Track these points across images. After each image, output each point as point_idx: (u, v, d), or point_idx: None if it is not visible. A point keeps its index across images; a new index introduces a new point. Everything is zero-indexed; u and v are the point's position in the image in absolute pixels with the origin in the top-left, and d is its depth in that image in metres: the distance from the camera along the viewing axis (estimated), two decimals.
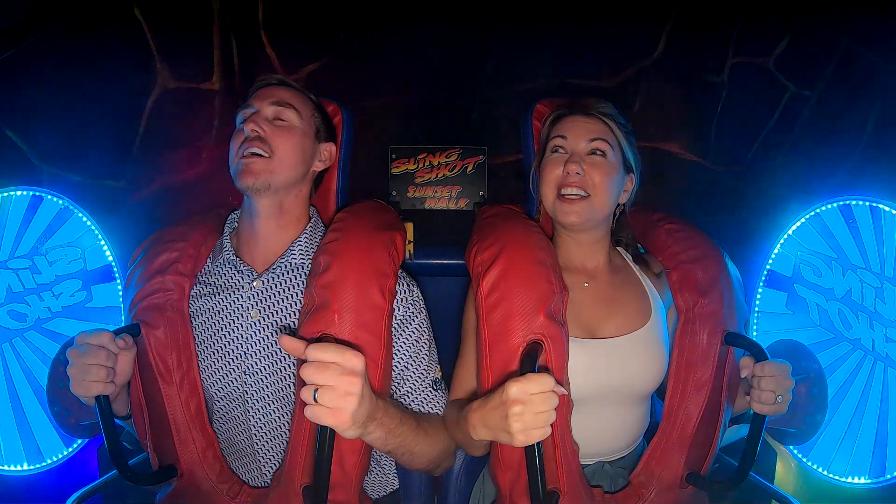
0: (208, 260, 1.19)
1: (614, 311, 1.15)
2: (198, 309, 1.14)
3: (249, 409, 1.11)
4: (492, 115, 1.80)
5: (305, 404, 0.81)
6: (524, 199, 1.32)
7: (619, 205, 1.20)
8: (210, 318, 1.13)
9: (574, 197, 1.11)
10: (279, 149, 1.10)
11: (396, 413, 0.98)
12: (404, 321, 1.12)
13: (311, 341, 0.82)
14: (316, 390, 0.79)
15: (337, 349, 0.80)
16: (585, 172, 1.11)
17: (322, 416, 0.81)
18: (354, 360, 0.81)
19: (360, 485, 1.07)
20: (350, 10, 1.77)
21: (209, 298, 1.13)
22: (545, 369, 1.00)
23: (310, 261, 1.14)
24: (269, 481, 1.12)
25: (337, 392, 0.80)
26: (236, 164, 1.10)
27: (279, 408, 1.11)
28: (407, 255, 1.34)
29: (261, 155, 1.09)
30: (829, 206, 1.58)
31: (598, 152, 1.13)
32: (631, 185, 1.20)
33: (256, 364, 1.10)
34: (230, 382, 1.11)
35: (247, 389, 1.10)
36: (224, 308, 1.12)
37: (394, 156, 1.76)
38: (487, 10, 1.77)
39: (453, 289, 1.32)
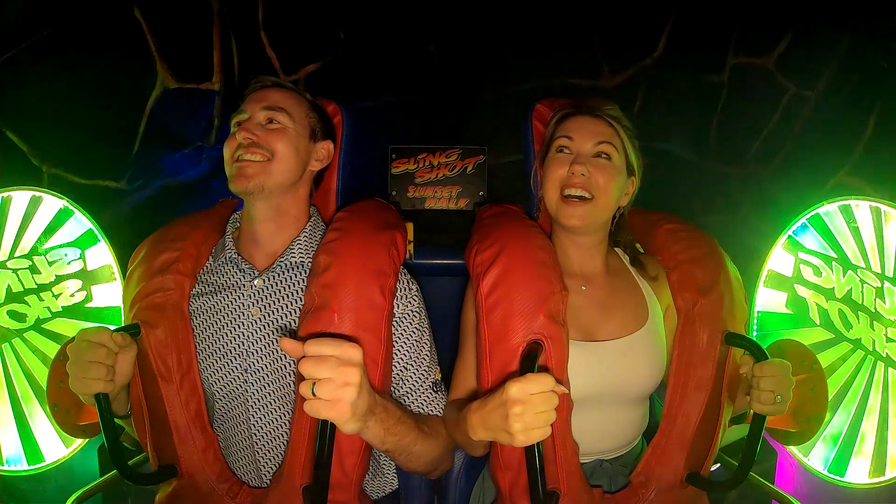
0: (209, 259, 1.19)
1: (611, 315, 1.15)
2: (198, 308, 1.14)
3: (250, 408, 1.11)
4: (492, 115, 1.80)
5: (305, 401, 0.82)
6: (524, 199, 1.32)
7: (618, 207, 1.20)
8: (210, 316, 1.13)
9: (577, 200, 1.11)
10: (273, 151, 1.11)
11: (396, 411, 0.98)
12: (404, 320, 1.12)
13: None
14: (314, 384, 0.80)
15: (334, 342, 0.81)
16: (590, 174, 1.11)
17: (321, 408, 0.81)
18: (352, 352, 0.81)
19: (359, 485, 1.07)
20: (350, 10, 1.77)
21: (210, 297, 1.14)
22: (545, 369, 1.00)
23: (310, 259, 1.14)
24: (266, 482, 1.12)
25: (335, 383, 0.80)
26: (230, 169, 1.11)
27: (279, 407, 1.11)
28: (407, 255, 1.34)
29: (255, 161, 1.10)
30: (829, 206, 1.58)
31: (604, 155, 1.13)
32: (632, 188, 1.20)
33: (257, 363, 1.10)
34: (231, 381, 1.11)
35: (248, 388, 1.11)
36: (225, 307, 1.12)
37: (394, 156, 1.76)
38: (487, 10, 1.77)
39: (453, 289, 1.32)
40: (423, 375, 1.14)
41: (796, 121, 1.75)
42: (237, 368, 1.11)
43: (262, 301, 1.12)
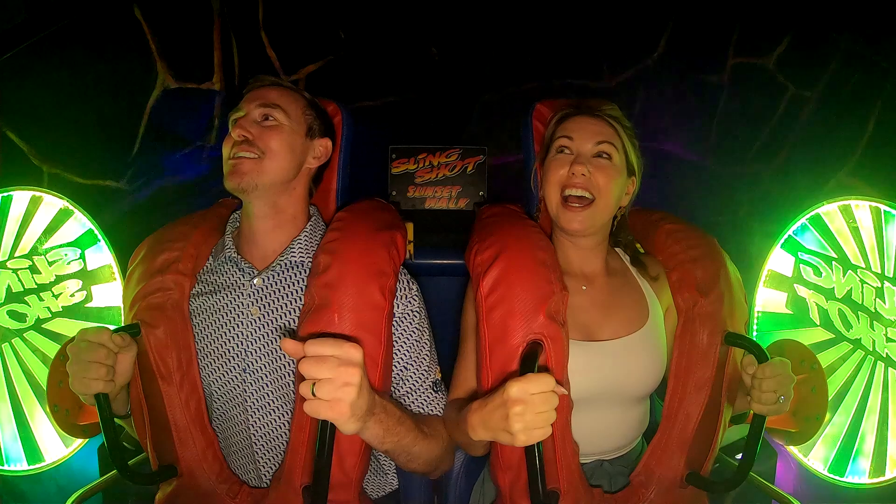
0: (209, 259, 1.19)
1: (612, 314, 1.15)
2: (198, 307, 1.14)
3: (248, 408, 1.11)
4: (492, 115, 1.80)
5: (305, 401, 0.82)
6: (524, 199, 1.32)
7: (619, 208, 1.20)
8: (210, 316, 1.13)
9: (577, 206, 1.11)
10: (267, 148, 1.11)
11: (395, 411, 0.98)
12: (404, 320, 1.12)
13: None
14: (314, 384, 0.80)
15: (334, 342, 0.81)
16: (591, 174, 1.11)
17: (320, 409, 0.81)
18: (352, 352, 0.81)
19: (360, 485, 1.07)
20: (350, 10, 1.77)
21: (209, 297, 1.14)
22: (545, 369, 1.00)
23: (310, 259, 1.14)
24: (266, 482, 1.12)
25: (335, 384, 0.80)
26: (225, 167, 1.12)
27: (278, 407, 1.11)
28: (407, 255, 1.35)
29: (249, 157, 1.10)
30: (829, 206, 1.58)
31: (605, 155, 1.13)
32: (632, 188, 1.20)
33: (256, 362, 1.10)
34: (229, 381, 1.11)
35: (246, 388, 1.10)
36: (224, 306, 1.12)
37: (394, 156, 1.76)
38: (488, 10, 1.77)
39: (453, 289, 1.32)
40: (423, 375, 1.14)
41: (796, 121, 1.75)
42: (236, 368, 1.11)
43: (261, 300, 1.12)
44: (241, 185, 1.09)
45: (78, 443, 1.61)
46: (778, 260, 1.65)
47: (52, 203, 1.61)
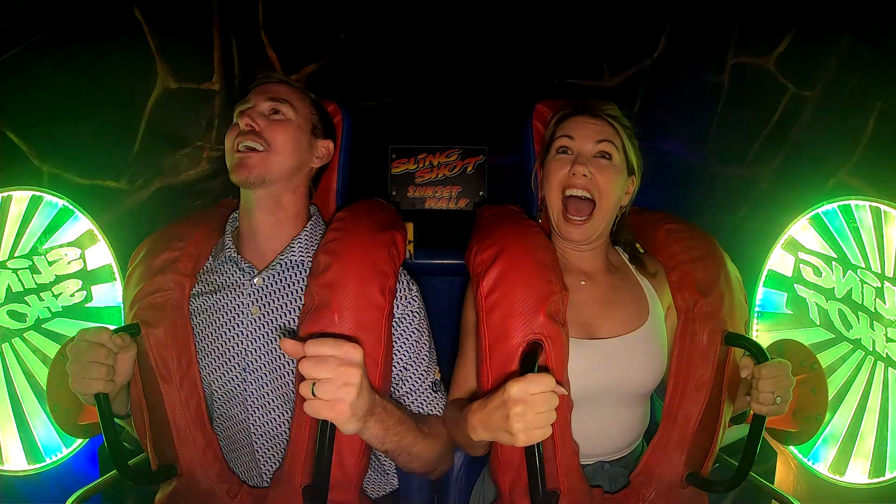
0: (209, 259, 1.19)
1: (612, 312, 1.15)
2: (198, 307, 1.14)
3: (249, 407, 1.11)
4: (492, 115, 1.80)
5: (305, 401, 0.82)
6: (524, 200, 1.32)
7: (619, 207, 1.20)
8: (210, 315, 1.13)
9: (578, 220, 1.11)
10: (274, 141, 1.11)
11: (395, 411, 0.98)
12: (404, 321, 1.12)
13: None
14: (314, 384, 0.80)
15: (334, 342, 0.81)
16: (592, 175, 1.11)
17: (321, 409, 0.82)
18: (352, 352, 0.81)
19: (359, 485, 1.07)
20: (350, 10, 1.77)
21: (209, 296, 1.14)
22: (545, 369, 1.00)
23: (310, 258, 1.14)
24: (267, 482, 1.12)
25: (335, 384, 0.81)
26: (231, 159, 1.11)
27: (278, 406, 1.11)
28: (407, 255, 1.35)
29: (255, 149, 1.10)
30: (829, 206, 1.58)
31: (605, 155, 1.13)
32: (632, 187, 1.20)
33: (256, 361, 1.10)
34: (230, 381, 1.11)
35: (246, 387, 1.10)
36: (224, 305, 1.12)
37: (394, 156, 1.76)
38: (487, 10, 1.77)
39: (453, 289, 1.32)
40: (422, 376, 1.14)
41: (796, 121, 1.75)
42: (236, 367, 1.11)
43: (261, 300, 1.12)
44: (248, 179, 1.09)
45: (78, 443, 1.61)
46: (778, 260, 1.65)
47: (52, 203, 1.62)
